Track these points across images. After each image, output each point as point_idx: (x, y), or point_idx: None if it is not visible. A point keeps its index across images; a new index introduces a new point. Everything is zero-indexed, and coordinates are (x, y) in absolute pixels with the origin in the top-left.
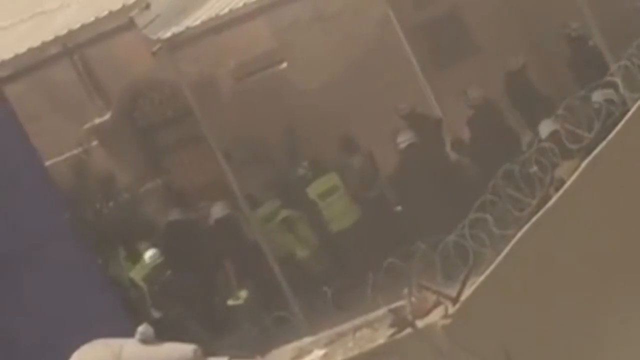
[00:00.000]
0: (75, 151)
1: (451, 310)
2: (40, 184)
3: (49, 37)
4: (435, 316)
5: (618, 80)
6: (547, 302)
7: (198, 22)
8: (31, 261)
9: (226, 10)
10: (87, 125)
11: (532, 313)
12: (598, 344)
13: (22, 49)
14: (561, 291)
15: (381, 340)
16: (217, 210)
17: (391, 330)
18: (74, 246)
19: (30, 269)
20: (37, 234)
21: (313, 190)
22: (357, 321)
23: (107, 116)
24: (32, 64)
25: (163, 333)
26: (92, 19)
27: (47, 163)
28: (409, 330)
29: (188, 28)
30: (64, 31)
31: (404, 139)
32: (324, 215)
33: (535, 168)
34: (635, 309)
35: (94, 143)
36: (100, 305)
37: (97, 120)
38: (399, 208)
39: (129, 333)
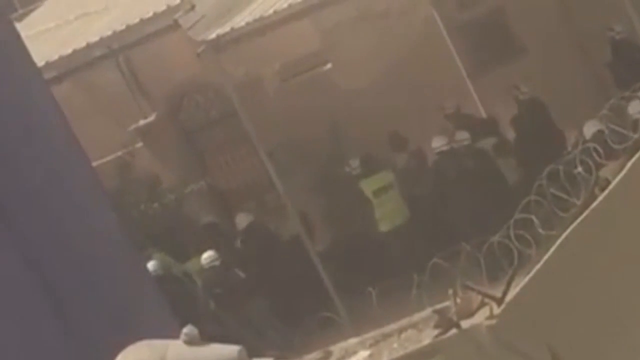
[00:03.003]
0: (120, 153)
1: (496, 311)
2: (88, 184)
3: (94, 38)
4: (480, 317)
5: None
6: (592, 302)
7: (243, 23)
8: (82, 262)
9: (271, 11)
10: (131, 127)
11: (578, 313)
12: None
13: (67, 50)
14: (606, 291)
15: (426, 341)
16: (241, 221)
17: (436, 331)
18: (121, 246)
19: (82, 269)
20: (86, 234)
21: (368, 186)
22: (402, 322)
23: (151, 117)
24: (77, 66)
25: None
26: (137, 20)
27: (93, 164)
28: (453, 331)
29: (233, 29)
30: (109, 33)
31: (462, 138)
32: (376, 214)
33: (579, 168)
34: None
35: (139, 144)
36: (147, 305)
37: (142, 122)
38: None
39: (175, 333)
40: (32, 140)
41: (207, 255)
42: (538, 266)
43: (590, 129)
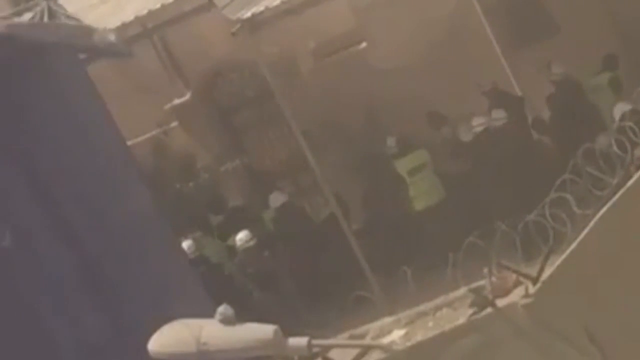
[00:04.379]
0: (154, 132)
1: (531, 289)
2: (123, 163)
3: (129, 17)
4: (516, 296)
5: None
6: (627, 280)
7: (278, 2)
8: (118, 240)
9: None
10: (167, 106)
11: (613, 292)
12: None
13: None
14: None
15: (461, 320)
16: (275, 199)
17: (471, 310)
18: (156, 225)
19: (118, 248)
20: (121, 213)
21: (403, 166)
22: (437, 301)
23: (186, 97)
24: None
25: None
26: None
27: (128, 143)
28: (489, 310)
29: (268, 8)
30: (144, 12)
31: (498, 117)
32: (411, 192)
33: (615, 147)
34: None
35: (174, 124)
36: (183, 285)
37: (177, 101)
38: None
39: (211, 313)
40: (67, 119)
41: (241, 236)
42: (574, 245)
43: (619, 110)
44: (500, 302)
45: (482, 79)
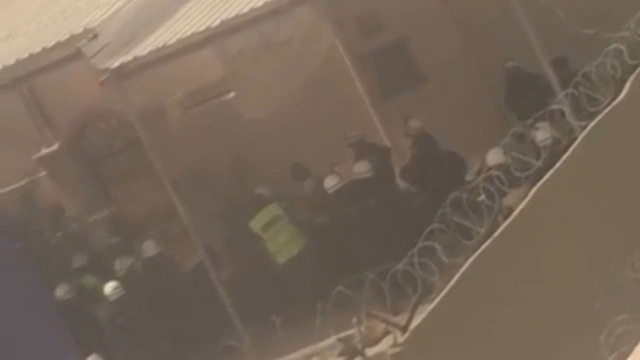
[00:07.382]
0: (23, 182)
1: (400, 338)
2: None
3: None
4: (385, 345)
5: (565, 108)
6: (496, 329)
7: (146, 51)
8: None
9: (174, 39)
10: (35, 156)
11: (482, 341)
12: None
13: None
14: (511, 318)
15: None
16: (148, 248)
17: (341, 359)
18: (24, 276)
19: None
20: None
21: (255, 224)
22: (307, 350)
23: (55, 146)
24: None
25: None
26: (40, 49)
27: None
28: (358, 359)
29: (136, 58)
30: (12, 61)
31: (361, 170)
32: (269, 248)
33: (483, 196)
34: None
35: (42, 173)
36: (49, 335)
37: (45, 151)
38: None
39: None
40: None
41: (111, 285)
42: (442, 294)
43: (493, 156)
44: (370, 352)
45: (351, 128)
